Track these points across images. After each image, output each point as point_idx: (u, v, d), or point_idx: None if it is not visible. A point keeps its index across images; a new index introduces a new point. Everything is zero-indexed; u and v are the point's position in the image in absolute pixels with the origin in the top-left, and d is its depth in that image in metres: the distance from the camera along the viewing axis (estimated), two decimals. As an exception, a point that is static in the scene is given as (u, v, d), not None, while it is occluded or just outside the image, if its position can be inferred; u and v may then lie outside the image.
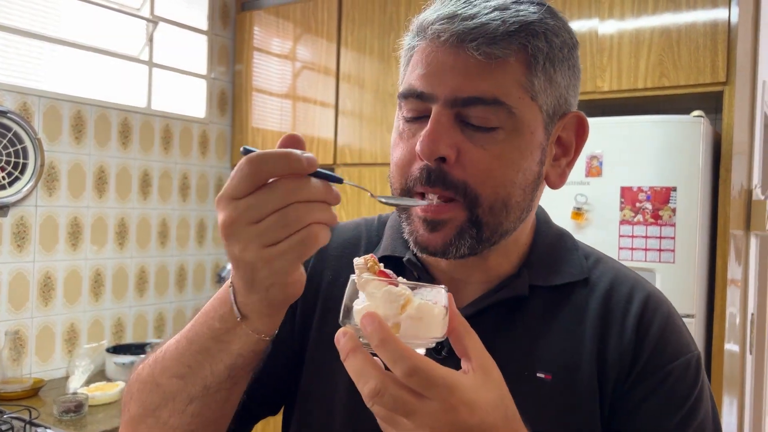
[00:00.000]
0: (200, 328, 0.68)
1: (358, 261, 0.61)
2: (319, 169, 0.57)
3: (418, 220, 0.71)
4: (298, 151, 0.55)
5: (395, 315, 0.57)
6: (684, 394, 0.73)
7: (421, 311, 0.57)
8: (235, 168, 0.55)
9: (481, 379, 0.56)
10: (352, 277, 0.60)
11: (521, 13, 0.68)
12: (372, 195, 0.65)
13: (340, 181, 0.59)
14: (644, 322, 0.74)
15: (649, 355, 0.73)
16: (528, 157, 0.71)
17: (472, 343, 0.58)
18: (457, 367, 0.73)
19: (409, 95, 0.71)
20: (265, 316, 0.65)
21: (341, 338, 0.56)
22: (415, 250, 0.74)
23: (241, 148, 0.57)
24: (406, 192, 0.72)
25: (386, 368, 0.54)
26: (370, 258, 0.61)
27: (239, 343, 0.66)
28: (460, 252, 0.71)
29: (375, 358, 0.55)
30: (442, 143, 0.68)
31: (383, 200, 0.67)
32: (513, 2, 0.69)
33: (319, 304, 0.85)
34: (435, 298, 0.59)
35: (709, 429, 0.74)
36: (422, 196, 0.71)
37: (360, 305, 0.59)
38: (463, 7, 0.68)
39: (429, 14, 0.71)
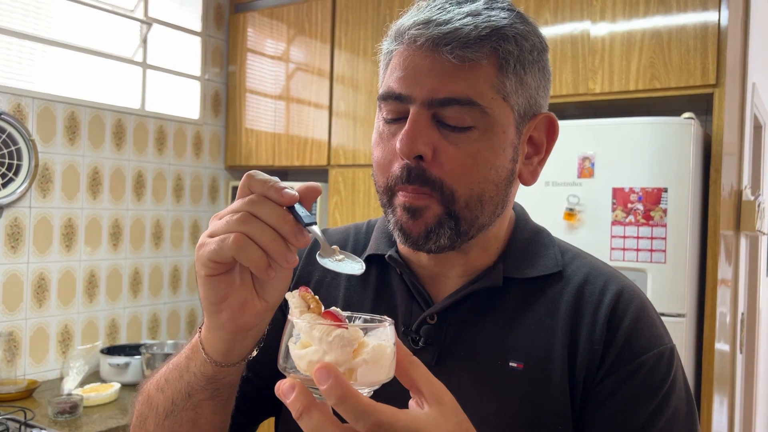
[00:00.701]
0: (186, 343, 0.74)
1: (292, 298, 0.59)
2: (297, 206, 0.61)
3: (400, 209, 0.74)
4: (283, 184, 0.61)
5: (347, 360, 0.53)
6: (655, 386, 0.74)
7: (376, 354, 0.54)
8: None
9: (438, 411, 0.56)
10: (291, 318, 0.57)
11: (492, 18, 0.72)
12: (320, 255, 0.65)
13: (304, 224, 0.61)
14: (616, 315, 0.76)
15: (620, 348, 0.75)
16: (501, 155, 0.74)
17: (418, 374, 0.58)
18: (435, 355, 0.77)
19: (388, 97, 0.74)
20: (208, 330, 0.68)
21: (288, 392, 0.53)
22: (400, 241, 0.77)
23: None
24: (388, 190, 0.76)
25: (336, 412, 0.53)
26: (308, 296, 0.59)
27: (195, 362, 0.70)
28: (440, 242, 0.74)
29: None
30: (420, 142, 0.71)
31: (328, 265, 0.64)
32: (485, 8, 0.73)
33: None
34: (384, 336, 0.56)
35: (680, 422, 0.74)
36: (401, 193, 0.74)
37: (295, 343, 0.55)
38: (438, 13, 0.72)
39: (406, 20, 0.74)
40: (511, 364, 0.75)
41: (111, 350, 2.75)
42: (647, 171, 2.10)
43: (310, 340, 0.54)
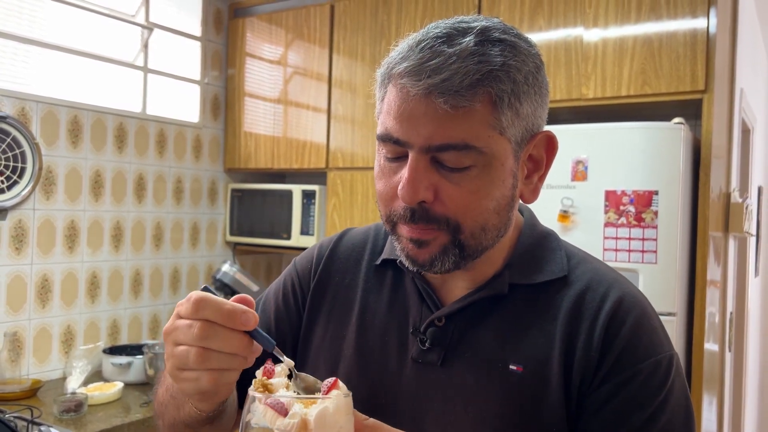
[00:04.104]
0: None
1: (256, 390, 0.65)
2: (258, 329, 0.67)
3: (406, 240, 0.78)
4: (241, 307, 0.66)
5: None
6: (651, 393, 0.75)
7: (320, 421, 0.60)
8: (192, 296, 0.67)
9: None
10: (254, 393, 0.64)
11: (483, 59, 0.71)
12: (293, 374, 0.71)
13: (270, 347, 0.68)
14: (616, 322, 0.77)
15: (617, 355, 0.76)
16: (500, 186, 0.76)
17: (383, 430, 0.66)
18: (441, 356, 0.81)
19: (387, 139, 0.76)
20: (198, 399, 0.74)
21: None
22: (407, 265, 0.81)
23: (203, 287, 0.70)
24: (391, 223, 0.80)
25: None
26: (259, 382, 0.66)
27: (187, 408, 0.77)
28: (445, 267, 0.78)
29: None
30: (421, 188, 0.74)
31: (296, 394, 0.70)
32: (476, 44, 0.72)
33: (326, 302, 0.93)
34: (329, 405, 0.62)
35: (676, 431, 0.75)
36: (407, 229, 0.78)
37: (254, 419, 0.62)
38: (429, 58, 0.71)
39: (397, 62, 0.75)
40: (511, 367, 0.78)
41: (113, 350, 2.79)
42: (639, 174, 2.16)
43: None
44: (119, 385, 2.51)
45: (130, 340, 3.00)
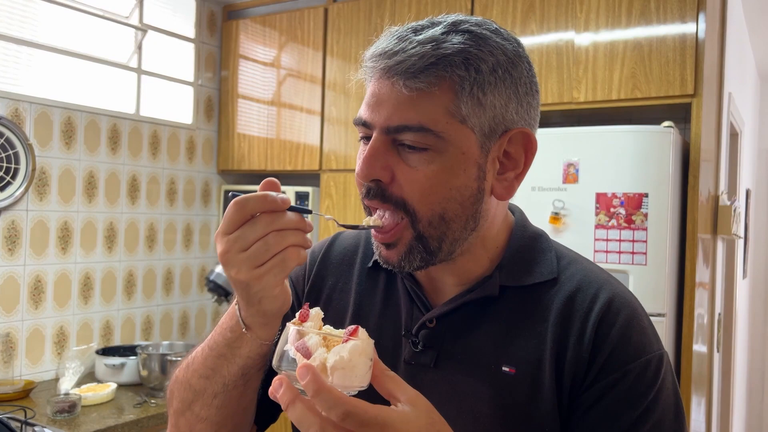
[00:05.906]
0: (217, 337, 0.82)
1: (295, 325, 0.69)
2: (292, 205, 0.71)
3: (377, 243, 0.81)
4: (273, 193, 0.70)
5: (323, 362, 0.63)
6: (640, 393, 0.75)
7: (347, 361, 0.63)
8: (227, 209, 0.70)
9: (409, 411, 0.64)
10: (291, 326, 0.67)
11: (441, 45, 0.74)
12: (336, 222, 0.80)
13: (309, 212, 0.73)
14: (606, 323, 0.78)
15: (607, 356, 0.76)
16: (461, 175, 0.76)
17: (394, 384, 0.67)
18: (434, 358, 0.83)
19: (357, 122, 0.80)
20: (263, 325, 0.78)
21: (278, 389, 0.62)
22: (382, 265, 0.83)
23: (229, 194, 0.73)
24: (366, 210, 0.82)
25: None
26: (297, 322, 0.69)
27: (247, 348, 0.79)
28: (413, 266, 0.79)
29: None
30: (377, 166, 0.76)
31: (342, 225, 0.81)
32: (442, 33, 0.75)
33: (320, 305, 0.95)
34: (358, 348, 0.64)
35: (666, 429, 0.76)
36: (369, 211, 0.81)
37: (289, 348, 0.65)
38: (394, 44, 0.75)
39: (371, 48, 0.79)
40: (504, 368, 0.79)
41: (106, 351, 2.79)
42: (629, 177, 2.19)
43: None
44: (112, 386, 2.51)
45: (123, 341, 3.00)
